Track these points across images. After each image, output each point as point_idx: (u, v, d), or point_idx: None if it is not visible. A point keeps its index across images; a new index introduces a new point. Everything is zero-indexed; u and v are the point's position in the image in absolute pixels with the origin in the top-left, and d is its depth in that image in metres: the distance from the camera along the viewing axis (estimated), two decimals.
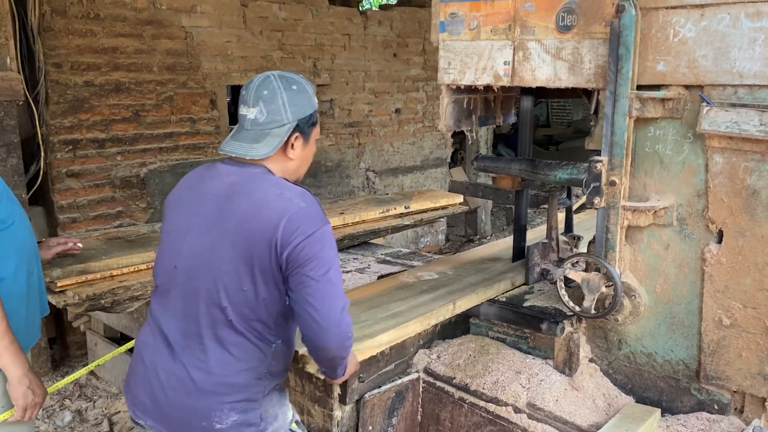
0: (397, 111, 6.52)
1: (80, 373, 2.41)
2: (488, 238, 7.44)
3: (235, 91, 8.07)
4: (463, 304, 2.56)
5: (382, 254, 3.75)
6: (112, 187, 4.39)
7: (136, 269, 3.00)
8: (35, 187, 4.05)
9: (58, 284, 2.75)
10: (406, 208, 4.26)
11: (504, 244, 3.43)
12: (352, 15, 5.87)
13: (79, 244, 2.81)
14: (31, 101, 3.91)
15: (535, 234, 3.34)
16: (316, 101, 1.83)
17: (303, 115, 1.77)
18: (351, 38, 5.89)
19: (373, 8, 6.80)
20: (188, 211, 1.80)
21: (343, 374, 1.92)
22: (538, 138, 12.58)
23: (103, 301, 2.74)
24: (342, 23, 5.77)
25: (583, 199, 3.30)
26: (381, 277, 3.04)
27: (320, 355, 1.79)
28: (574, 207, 3.03)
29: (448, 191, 6.22)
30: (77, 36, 4.11)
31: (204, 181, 1.81)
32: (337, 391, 2.32)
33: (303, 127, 1.78)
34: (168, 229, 1.85)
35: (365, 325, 2.32)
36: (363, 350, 2.17)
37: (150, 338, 1.81)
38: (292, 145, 1.78)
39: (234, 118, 7.53)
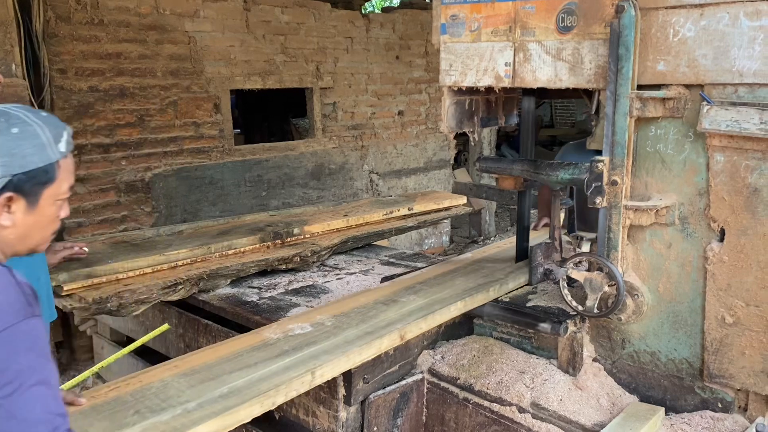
0: (400, 113, 6.54)
1: (85, 375, 2.43)
2: (492, 238, 7.44)
3: (239, 95, 8.12)
4: (326, 373, 2.01)
5: (386, 256, 3.76)
6: (117, 191, 4.42)
7: (142, 273, 3.02)
8: None
9: (65, 288, 2.77)
10: (409, 209, 4.27)
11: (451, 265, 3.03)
12: (354, 18, 5.90)
13: (85, 248, 2.83)
14: (37, 107, 3.94)
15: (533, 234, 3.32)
16: (62, 150, 1.35)
17: (22, 169, 1.28)
18: (353, 41, 5.91)
19: (376, 11, 6.82)
20: None
21: None
22: (542, 138, 12.59)
23: (109, 305, 2.75)
24: (344, 26, 5.80)
25: None
26: (385, 279, 3.04)
27: None
28: None
29: (452, 192, 6.25)
30: (81, 42, 4.14)
31: None
32: (341, 392, 2.33)
33: (22, 186, 1.29)
34: None
35: (183, 412, 1.74)
36: None
37: None
38: (8, 207, 1.30)
39: (237, 122, 7.56)
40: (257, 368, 1.99)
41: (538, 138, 12.40)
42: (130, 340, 3.72)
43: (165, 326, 2.64)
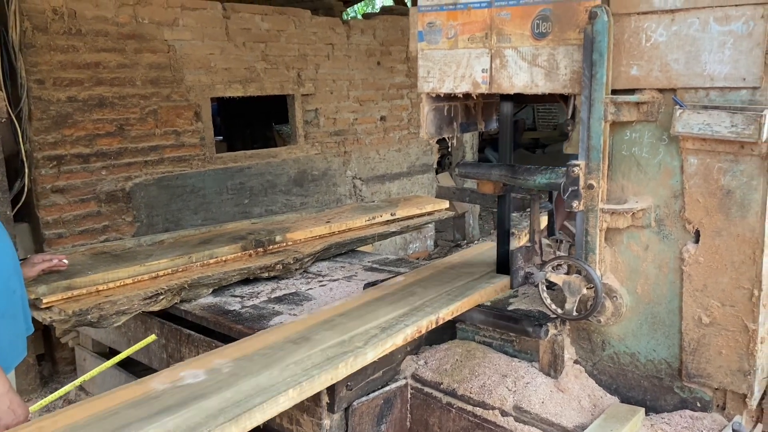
0: (383, 118, 6.55)
1: (68, 388, 2.41)
2: (476, 241, 7.47)
3: (221, 103, 8.09)
4: (366, 356, 1.88)
5: (369, 262, 3.77)
6: (97, 201, 4.39)
7: (122, 284, 3.01)
8: (20, 204, 4.04)
9: (44, 301, 2.74)
10: (392, 215, 4.28)
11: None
12: (334, 25, 5.90)
13: (65, 260, 2.81)
14: (14, 118, 3.91)
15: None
16: None
17: None
18: (334, 47, 5.92)
19: (358, 17, 6.83)
20: None
21: None
22: (525, 141, 12.68)
23: (89, 317, 2.73)
24: (325, 33, 5.80)
25: None
26: (368, 285, 3.04)
27: None
28: None
29: (436, 197, 6.27)
30: (59, 52, 4.11)
31: None
32: (325, 399, 2.33)
33: None
34: None
35: None
36: None
37: None
38: None
39: (219, 129, 7.53)
40: (130, 431, 1.73)
41: (521, 141, 12.49)
42: (113, 352, 3.69)
43: (152, 337, 2.63)
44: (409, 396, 2.54)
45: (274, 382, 1.94)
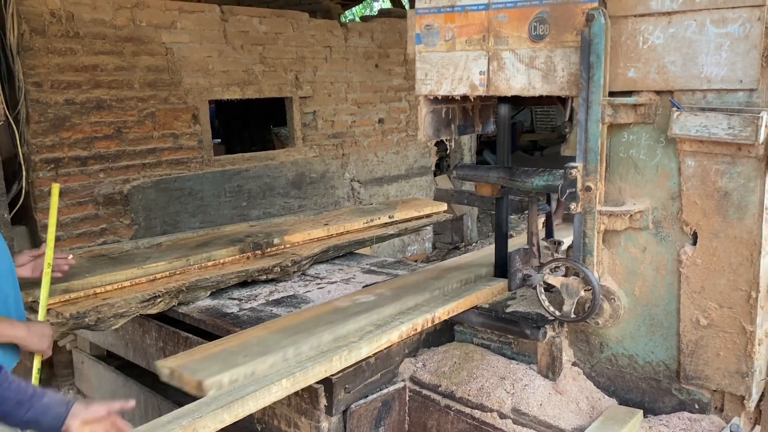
0: (381, 121, 6.56)
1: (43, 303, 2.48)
2: (474, 244, 7.47)
3: (219, 106, 8.09)
4: (398, 332, 2.34)
5: (367, 264, 3.76)
6: (95, 204, 4.39)
7: (120, 286, 3.00)
8: (17, 207, 4.03)
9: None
10: (390, 217, 4.27)
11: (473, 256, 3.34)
12: (332, 27, 5.91)
13: (70, 257, 2.74)
14: (12, 121, 3.90)
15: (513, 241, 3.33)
16: None
17: None
18: (332, 50, 5.92)
19: (357, 19, 6.83)
20: None
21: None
22: (523, 144, 12.71)
23: (87, 320, 2.72)
24: (323, 35, 5.81)
25: None
26: (366, 287, 3.04)
27: None
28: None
29: (434, 199, 6.27)
30: (57, 55, 4.11)
31: None
32: (323, 402, 2.33)
33: None
34: None
35: (286, 355, 2.16)
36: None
37: None
38: None
39: (217, 132, 7.53)
40: (338, 324, 2.36)
41: (519, 143, 12.52)
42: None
43: (55, 186, 2.56)
44: (407, 398, 2.54)
45: (422, 300, 2.64)
